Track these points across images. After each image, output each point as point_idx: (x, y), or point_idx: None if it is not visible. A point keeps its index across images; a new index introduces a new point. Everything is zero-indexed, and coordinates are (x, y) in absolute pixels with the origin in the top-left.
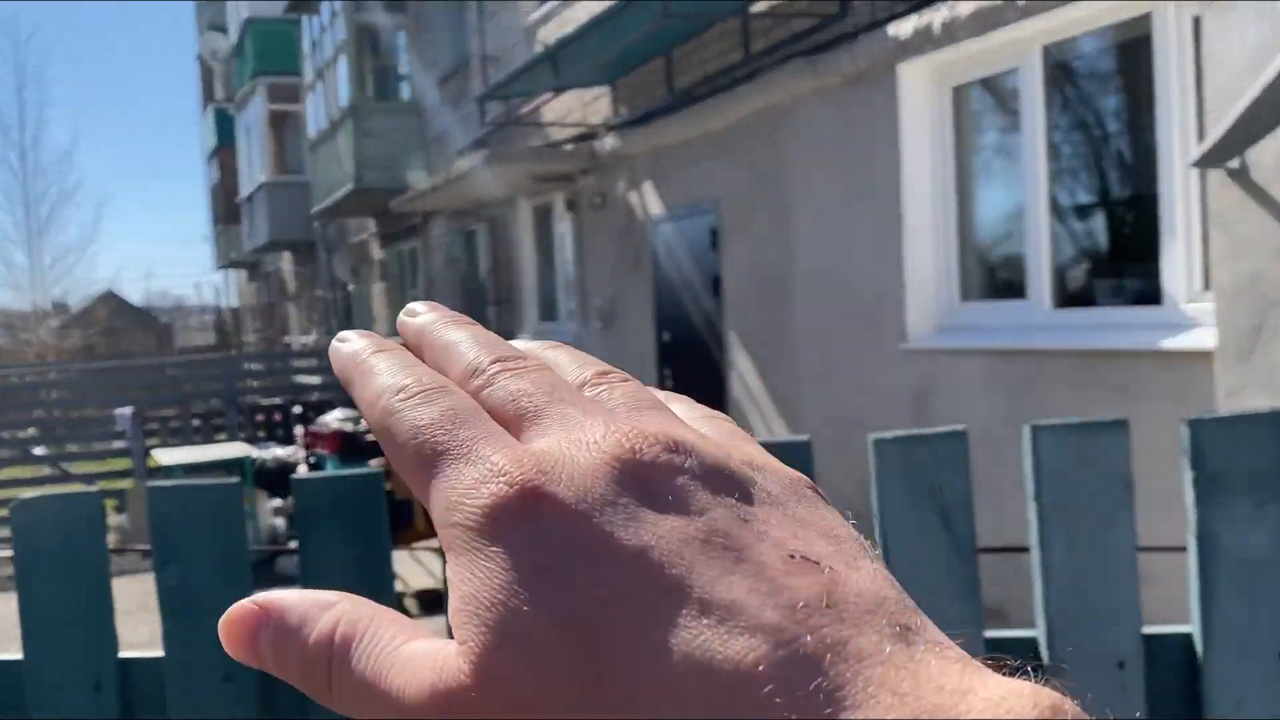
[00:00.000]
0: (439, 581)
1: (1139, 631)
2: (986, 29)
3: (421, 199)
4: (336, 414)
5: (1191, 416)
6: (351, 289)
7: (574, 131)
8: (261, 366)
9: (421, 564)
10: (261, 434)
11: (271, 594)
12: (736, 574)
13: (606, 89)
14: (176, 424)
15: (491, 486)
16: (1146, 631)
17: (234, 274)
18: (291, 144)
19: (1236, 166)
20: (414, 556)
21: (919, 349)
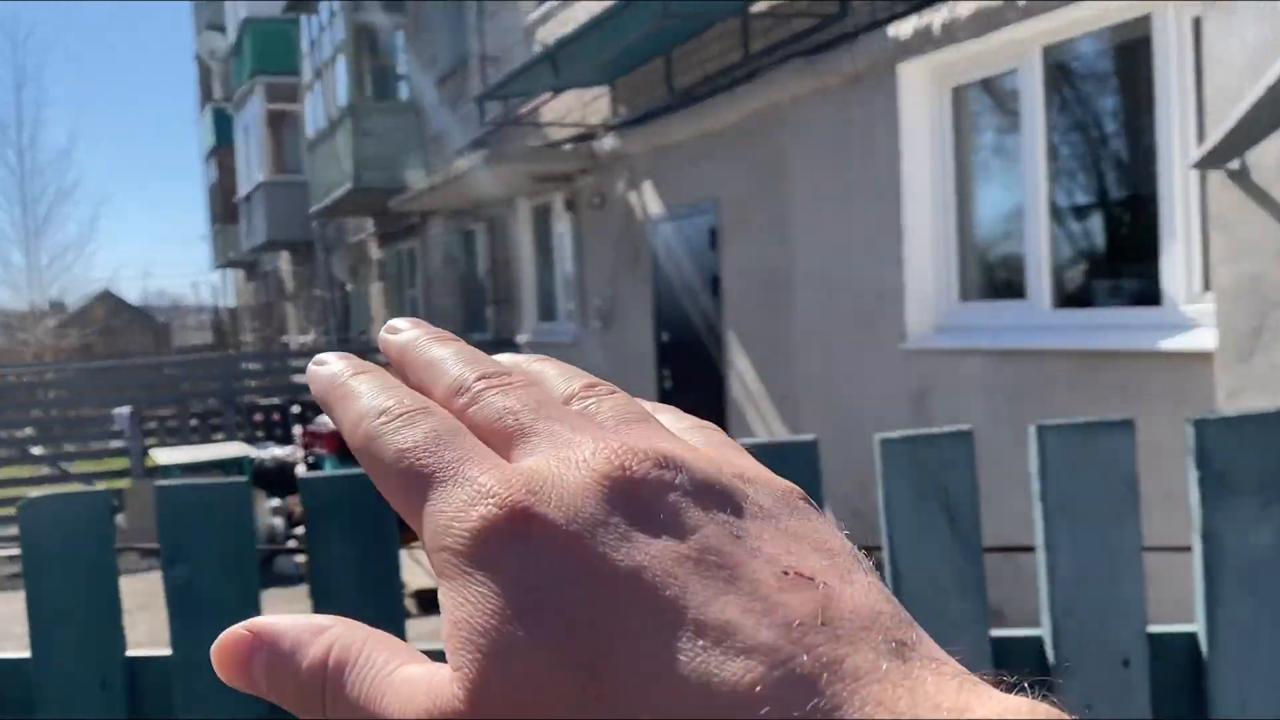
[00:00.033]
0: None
1: (1144, 630)
2: (986, 30)
3: (420, 199)
4: None
5: (1197, 416)
6: (349, 289)
7: (573, 131)
8: (259, 366)
9: (421, 564)
10: (260, 434)
11: (264, 619)
12: (730, 593)
13: (606, 89)
14: (174, 423)
15: (480, 509)
16: (1151, 630)
17: (231, 273)
18: (290, 143)
19: (1237, 168)
20: (413, 557)
21: (918, 349)
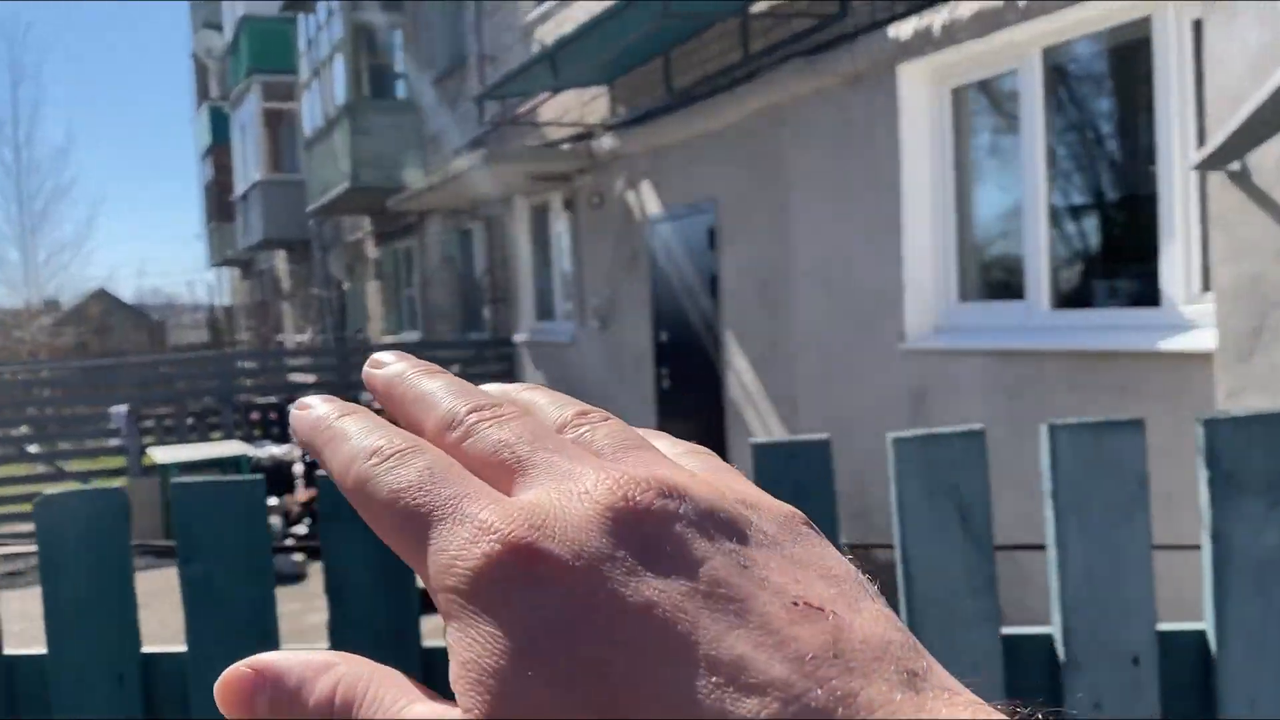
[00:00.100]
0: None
1: (1154, 628)
2: (986, 31)
3: (418, 198)
4: None
5: (1207, 416)
6: (346, 288)
7: (572, 131)
8: (256, 365)
9: None
10: (257, 432)
11: (267, 656)
12: (741, 628)
13: (605, 88)
14: (171, 422)
15: (482, 546)
16: (1161, 628)
17: (227, 272)
18: (286, 142)
19: (1238, 169)
20: None
21: (917, 349)
